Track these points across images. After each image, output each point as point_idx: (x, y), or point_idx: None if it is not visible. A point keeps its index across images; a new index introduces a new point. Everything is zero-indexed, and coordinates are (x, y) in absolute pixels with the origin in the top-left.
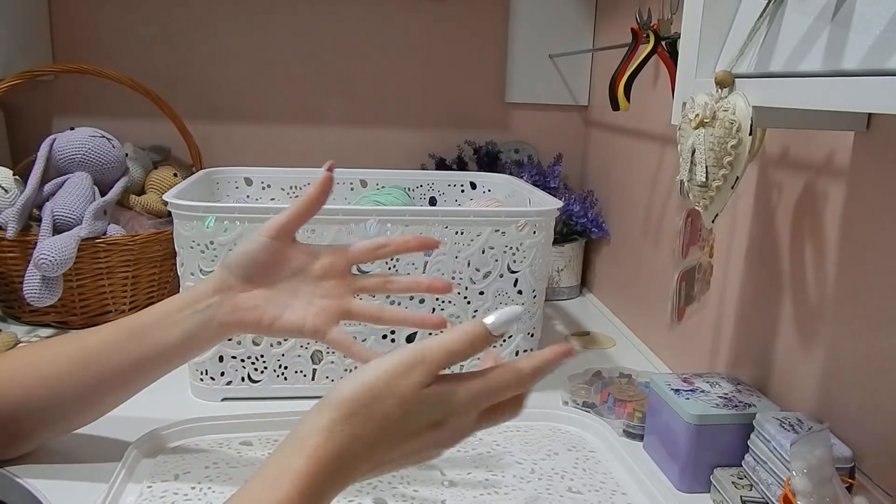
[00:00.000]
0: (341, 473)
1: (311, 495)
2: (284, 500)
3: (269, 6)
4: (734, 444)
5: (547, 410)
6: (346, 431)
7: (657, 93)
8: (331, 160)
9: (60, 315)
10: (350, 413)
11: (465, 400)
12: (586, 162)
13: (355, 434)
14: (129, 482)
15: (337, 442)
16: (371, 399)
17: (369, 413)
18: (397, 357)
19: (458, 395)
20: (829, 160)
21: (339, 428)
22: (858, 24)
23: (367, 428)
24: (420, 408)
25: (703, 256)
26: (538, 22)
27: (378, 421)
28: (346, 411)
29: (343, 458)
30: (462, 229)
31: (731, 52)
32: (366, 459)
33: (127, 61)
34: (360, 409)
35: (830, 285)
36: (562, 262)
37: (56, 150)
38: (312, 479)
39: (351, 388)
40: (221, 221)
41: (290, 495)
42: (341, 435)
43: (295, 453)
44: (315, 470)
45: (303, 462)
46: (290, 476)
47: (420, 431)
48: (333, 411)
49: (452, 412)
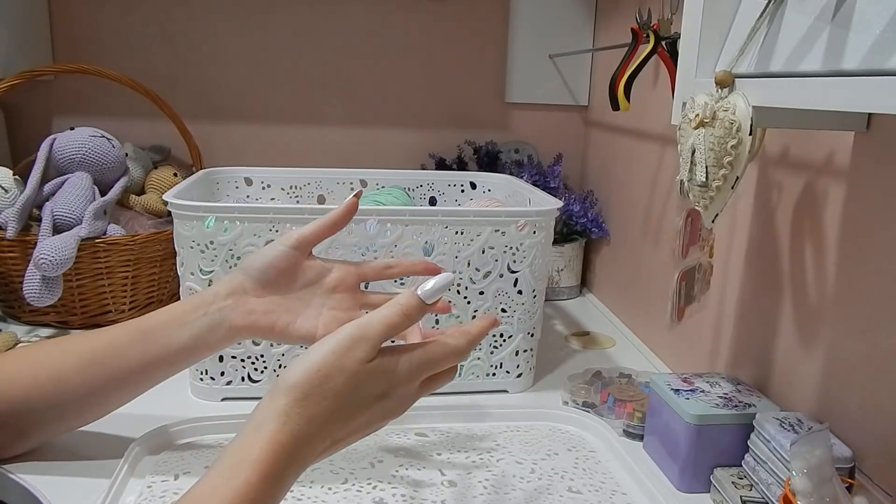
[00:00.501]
0: (299, 455)
1: (271, 480)
2: (244, 488)
3: (269, 6)
4: (734, 444)
5: (547, 410)
6: (301, 414)
7: (657, 93)
8: (359, 189)
9: (60, 315)
10: (303, 396)
11: (408, 370)
12: (586, 162)
13: (310, 416)
14: (129, 481)
15: (293, 425)
16: (321, 379)
17: (321, 393)
18: (340, 336)
19: (400, 365)
20: (829, 160)
21: (294, 411)
22: (858, 24)
23: (321, 408)
24: (367, 381)
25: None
26: (538, 22)
27: (330, 399)
28: (298, 394)
29: (300, 441)
30: (462, 229)
31: (731, 52)
32: (322, 439)
33: (127, 61)
34: (312, 391)
35: (830, 285)
36: (562, 262)
37: (56, 150)
38: (271, 465)
39: (301, 371)
40: (221, 221)
41: (250, 482)
42: (297, 418)
43: (252, 441)
44: (273, 455)
45: (260, 448)
46: (248, 463)
47: (369, 403)
48: (287, 396)
49: (397, 382)
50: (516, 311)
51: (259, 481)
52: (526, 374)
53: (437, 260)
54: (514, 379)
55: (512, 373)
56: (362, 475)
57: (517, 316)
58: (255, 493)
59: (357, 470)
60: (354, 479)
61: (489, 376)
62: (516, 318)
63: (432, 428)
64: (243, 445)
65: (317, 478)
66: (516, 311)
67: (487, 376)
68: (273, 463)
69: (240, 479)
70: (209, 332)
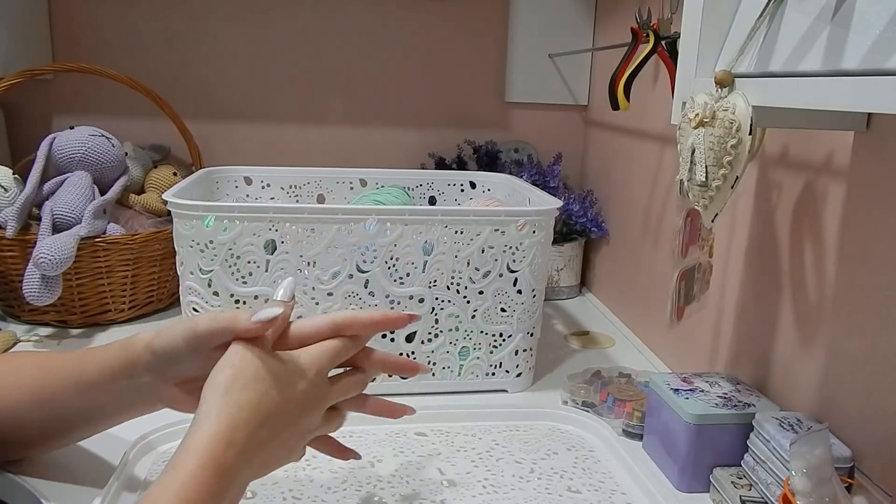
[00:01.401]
0: (239, 443)
1: (213, 467)
2: (186, 478)
3: (270, 6)
4: (733, 444)
5: (546, 410)
6: (230, 405)
7: (657, 92)
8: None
9: (60, 314)
10: (226, 389)
11: (308, 359)
12: (586, 162)
13: (239, 404)
14: (128, 482)
15: (225, 415)
16: (238, 371)
17: (241, 384)
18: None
19: (301, 356)
20: (829, 160)
21: (221, 403)
22: (858, 24)
23: (245, 395)
24: (278, 367)
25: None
26: (538, 22)
27: (251, 387)
28: (222, 389)
29: (235, 428)
30: (462, 229)
31: (730, 52)
32: (259, 424)
33: (127, 61)
34: (232, 383)
35: (830, 285)
36: (561, 262)
37: (56, 149)
38: (211, 452)
39: (220, 368)
40: (221, 221)
41: (192, 472)
42: (226, 409)
43: (191, 437)
44: (212, 443)
45: (198, 440)
46: (189, 455)
47: (288, 390)
48: (213, 393)
49: (303, 370)
50: (516, 310)
51: (200, 471)
52: (525, 373)
53: (436, 259)
54: (513, 378)
55: (511, 372)
56: (362, 475)
57: (517, 315)
58: (198, 483)
59: (357, 470)
60: (354, 479)
61: (489, 376)
62: (516, 318)
63: (432, 428)
64: (184, 445)
65: (316, 477)
66: (516, 310)
67: (487, 376)
68: (212, 451)
69: (182, 472)
70: (136, 403)
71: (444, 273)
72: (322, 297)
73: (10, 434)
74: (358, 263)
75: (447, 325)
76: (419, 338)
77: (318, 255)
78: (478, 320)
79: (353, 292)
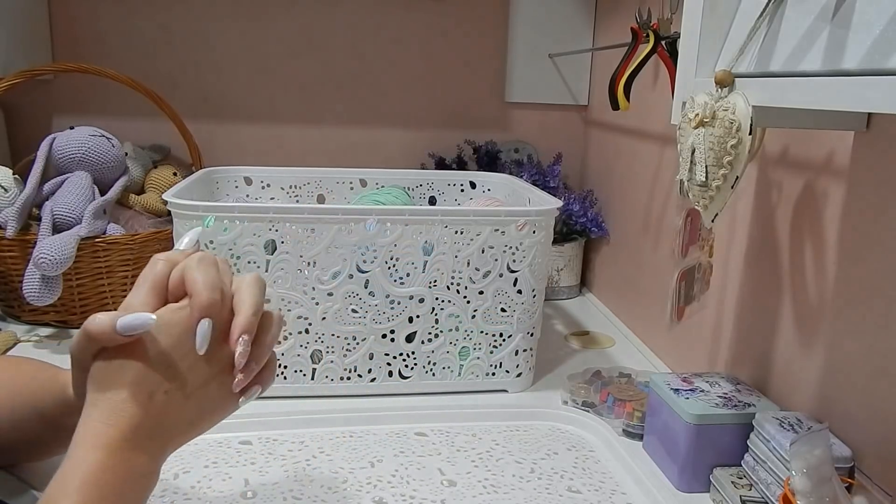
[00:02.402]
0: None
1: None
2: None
3: (270, 6)
4: (734, 444)
5: (546, 410)
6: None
7: (657, 92)
8: None
9: (60, 314)
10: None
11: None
12: (586, 162)
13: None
14: None
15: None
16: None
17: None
18: None
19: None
20: (829, 160)
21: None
22: (858, 24)
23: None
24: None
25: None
26: (538, 22)
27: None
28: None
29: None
30: (462, 229)
31: (731, 52)
32: (149, 396)
33: (127, 61)
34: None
35: (830, 285)
36: (561, 262)
37: (56, 150)
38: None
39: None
40: (221, 221)
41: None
42: (103, 395)
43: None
44: (92, 427)
45: (81, 429)
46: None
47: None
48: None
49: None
50: (516, 310)
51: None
52: (525, 373)
53: (436, 259)
54: (513, 378)
55: (511, 372)
56: (362, 475)
57: (517, 315)
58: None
59: (357, 470)
60: (354, 479)
61: (489, 376)
62: (516, 318)
63: (432, 428)
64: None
65: (317, 477)
66: (516, 310)
67: (487, 376)
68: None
69: (74, 456)
70: None
71: (444, 273)
72: (322, 298)
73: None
74: (358, 263)
75: (447, 325)
76: (419, 338)
77: (318, 255)
78: (478, 320)
79: (353, 292)
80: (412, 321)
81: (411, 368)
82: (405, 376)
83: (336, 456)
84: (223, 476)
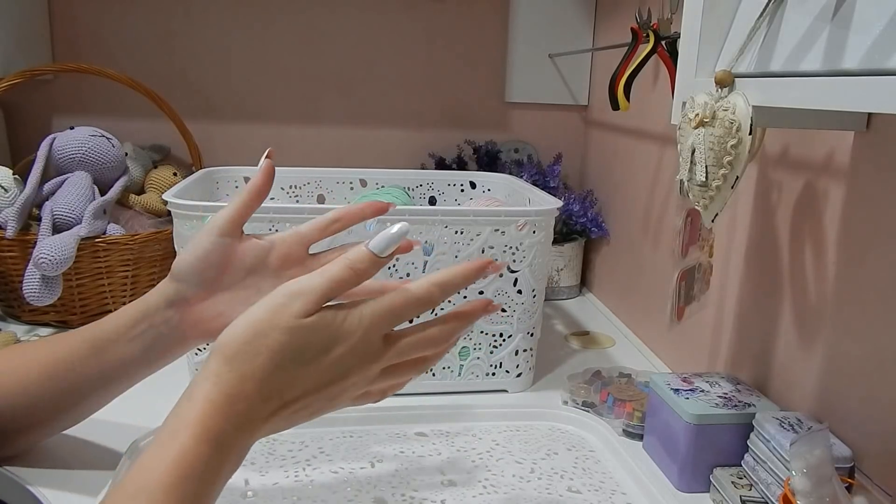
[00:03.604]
0: (238, 415)
1: (209, 441)
2: (180, 452)
3: (270, 6)
4: (734, 444)
5: (546, 410)
6: (232, 371)
7: (657, 93)
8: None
9: (60, 314)
10: (233, 354)
11: (359, 321)
12: (586, 162)
13: (243, 373)
14: None
15: (225, 384)
16: (253, 336)
17: (253, 350)
18: (276, 293)
19: (350, 318)
20: (829, 160)
21: (224, 370)
22: (858, 24)
23: (255, 365)
24: (308, 336)
25: (703, 256)
26: (538, 22)
27: (264, 356)
28: (229, 353)
29: (235, 399)
30: (462, 229)
31: (730, 52)
32: (264, 398)
33: (127, 61)
34: (242, 348)
35: (830, 285)
36: (561, 262)
37: (56, 150)
38: (205, 427)
39: (233, 330)
40: None
41: (187, 445)
42: (228, 376)
43: (185, 407)
44: (207, 415)
45: (194, 410)
46: (182, 428)
47: (318, 360)
48: (216, 357)
49: (349, 335)
50: (516, 310)
51: (196, 444)
52: (525, 373)
53: (436, 260)
54: (513, 378)
55: (511, 372)
56: (362, 475)
57: (517, 316)
58: (194, 457)
59: (357, 470)
60: (355, 480)
61: (489, 376)
62: (516, 318)
63: (432, 428)
64: (178, 412)
65: (316, 477)
66: (516, 310)
67: (487, 376)
68: (207, 424)
69: (176, 445)
70: (160, 346)
71: None
72: None
73: (22, 418)
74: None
75: None
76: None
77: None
78: (478, 320)
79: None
80: (412, 321)
81: None
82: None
83: (336, 456)
84: None
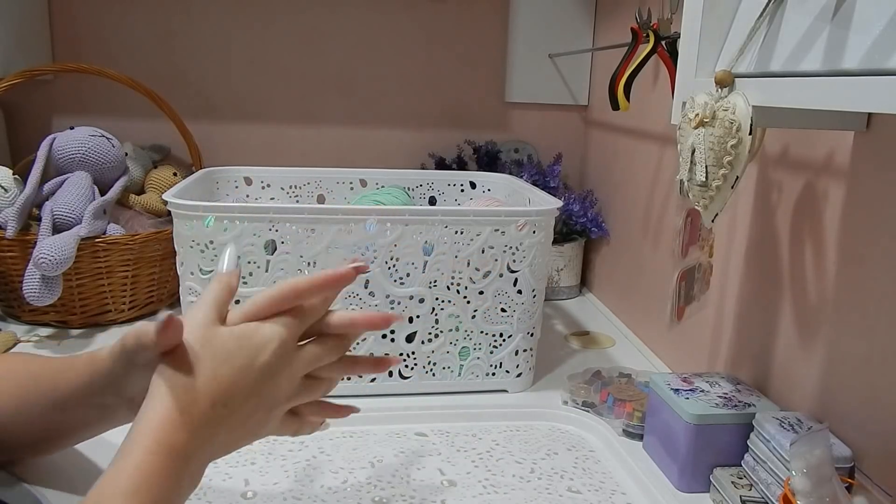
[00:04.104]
0: (189, 424)
1: (164, 451)
2: (139, 464)
3: (270, 6)
4: (734, 444)
5: (546, 410)
6: (173, 385)
7: (657, 93)
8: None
9: (60, 314)
10: (174, 371)
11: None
12: (586, 162)
13: (183, 384)
14: None
15: (169, 396)
16: (184, 352)
17: (189, 365)
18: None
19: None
20: (829, 160)
21: (165, 385)
22: (858, 24)
23: (192, 374)
24: (230, 342)
25: (703, 256)
26: (538, 22)
27: (200, 367)
28: (166, 371)
29: (183, 408)
30: (462, 229)
31: (730, 52)
32: (211, 403)
33: (127, 61)
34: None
35: (830, 285)
36: (561, 262)
37: (56, 150)
38: (160, 437)
39: None
40: (221, 221)
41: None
42: (171, 390)
43: (139, 420)
44: (160, 427)
45: (146, 424)
46: (139, 440)
47: (247, 364)
48: (161, 374)
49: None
50: (516, 310)
51: (152, 457)
52: (526, 373)
53: (436, 260)
54: (513, 379)
55: (512, 372)
56: (362, 475)
57: (517, 316)
58: (151, 468)
59: (357, 470)
60: (354, 479)
61: (489, 376)
62: (516, 318)
63: (432, 428)
64: (132, 430)
65: (317, 477)
66: (516, 310)
67: (487, 376)
68: (160, 437)
69: (134, 458)
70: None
71: (445, 273)
72: None
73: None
74: None
75: (447, 325)
76: (419, 338)
77: (319, 255)
78: (478, 320)
79: (353, 292)
80: (412, 321)
81: (411, 368)
82: (405, 376)
83: (336, 456)
84: (223, 476)
